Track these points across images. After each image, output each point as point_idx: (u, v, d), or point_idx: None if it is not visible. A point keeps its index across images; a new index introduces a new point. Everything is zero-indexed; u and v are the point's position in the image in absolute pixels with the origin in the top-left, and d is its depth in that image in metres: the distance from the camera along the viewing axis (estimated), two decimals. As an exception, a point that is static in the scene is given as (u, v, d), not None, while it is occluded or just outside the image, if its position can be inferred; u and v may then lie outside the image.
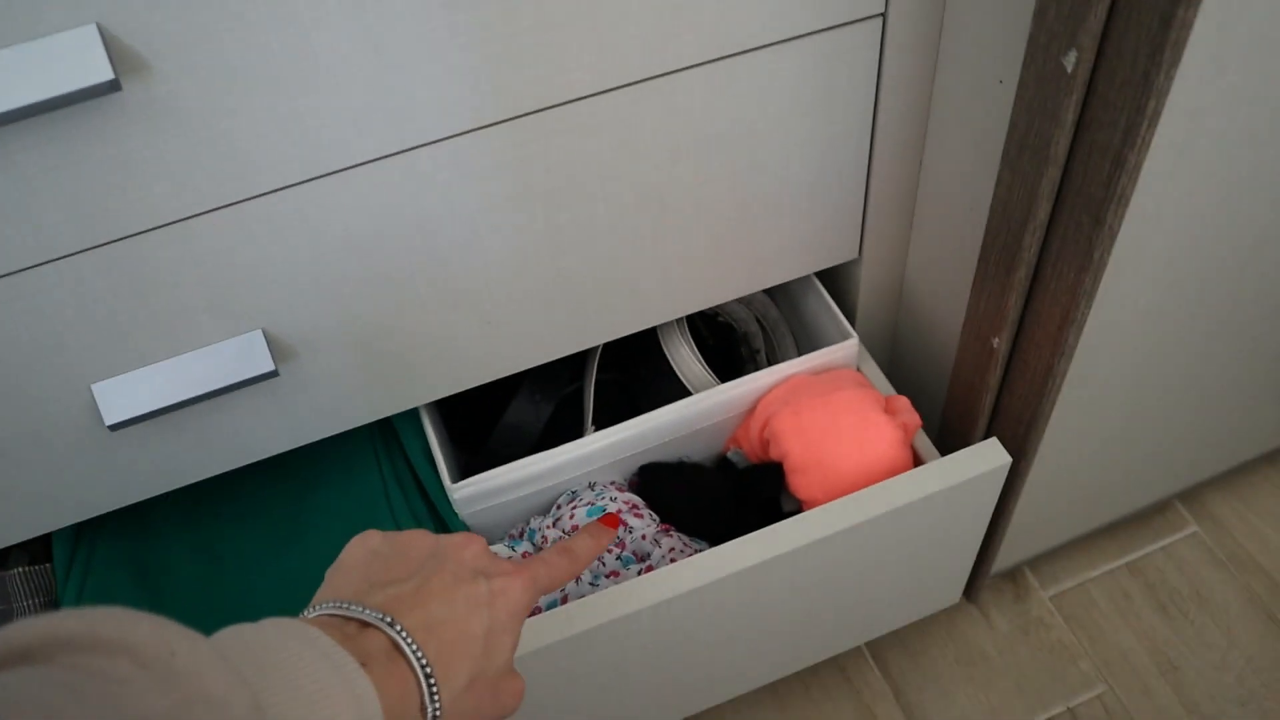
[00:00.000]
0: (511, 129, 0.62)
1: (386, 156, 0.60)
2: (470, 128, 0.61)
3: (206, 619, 0.77)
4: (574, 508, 0.80)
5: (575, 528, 0.79)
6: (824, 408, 0.78)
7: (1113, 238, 0.59)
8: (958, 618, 1.01)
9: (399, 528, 0.80)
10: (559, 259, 0.71)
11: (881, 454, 0.76)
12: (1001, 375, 0.75)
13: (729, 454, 0.88)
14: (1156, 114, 0.51)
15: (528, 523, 0.83)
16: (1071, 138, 0.57)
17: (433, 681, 0.41)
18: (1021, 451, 0.77)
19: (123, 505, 0.73)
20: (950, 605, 0.95)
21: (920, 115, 0.72)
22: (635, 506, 0.82)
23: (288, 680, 0.35)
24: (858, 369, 0.86)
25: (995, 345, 0.72)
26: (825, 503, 0.74)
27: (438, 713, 0.41)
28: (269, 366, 0.65)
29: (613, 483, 0.84)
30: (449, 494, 0.78)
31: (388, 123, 0.58)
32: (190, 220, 0.59)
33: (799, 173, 0.73)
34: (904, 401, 0.80)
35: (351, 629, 0.41)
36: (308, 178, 0.59)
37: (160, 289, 0.62)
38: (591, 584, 0.79)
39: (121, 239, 0.59)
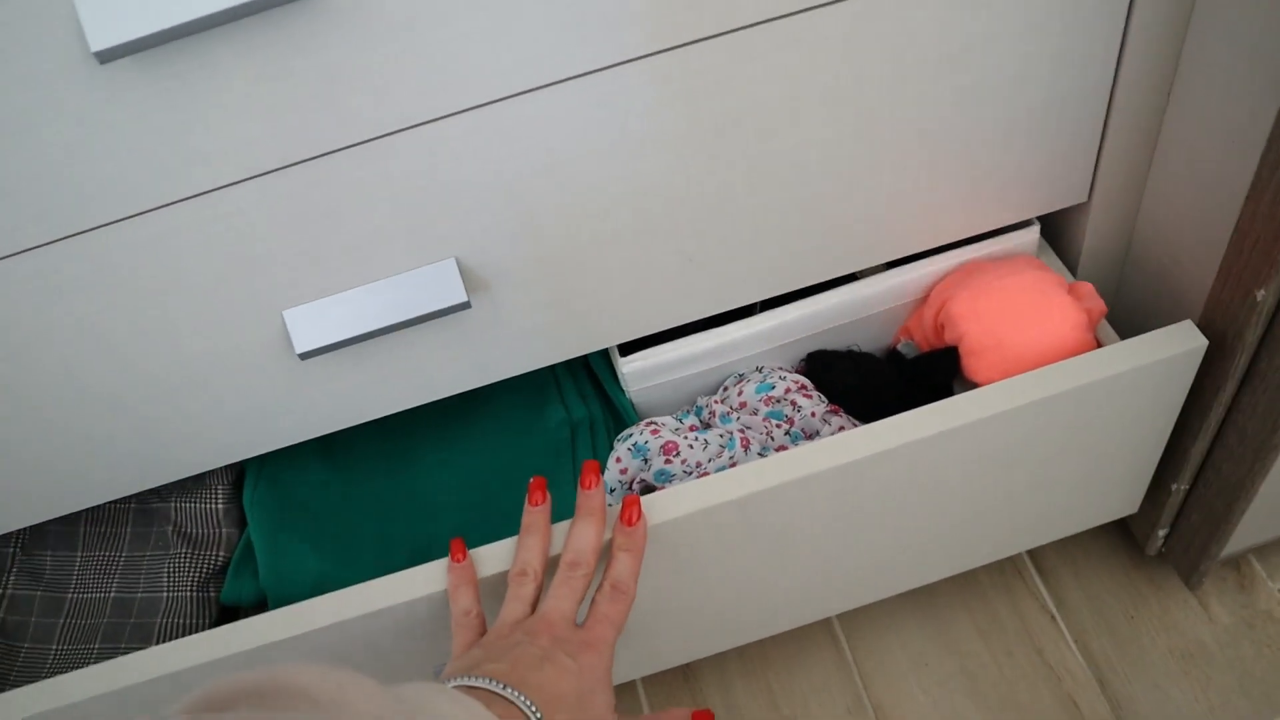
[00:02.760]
0: (725, 44, 0.57)
1: (595, 71, 0.56)
2: (683, 41, 0.56)
3: (392, 523, 0.75)
4: (742, 385, 0.80)
5: (743, 404, 0.79)
6: (1003, 290, 0.75)
7: None
8: (1172, 606, 0.92)
9: (567, 409, 0.82)
10: (767, 192, 0.65)
11: (1064, 337, 0.72)
12: (1261, 334, 0.66)
13: (899, 346, 0.84)
14: None
15: (694, 402, 0.83)
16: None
17: (536, 711, 0.50)
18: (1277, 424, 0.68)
19: (310, 437, 0.72)
20: (1127, 514, 0.87)
21: (1179, 23, 0.64)
22: (804, 387, 0.80)
23: (431, 706, 0.44)
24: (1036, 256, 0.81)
25: (1259, 298, 0.63)
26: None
27: None
28: (461, 297, 0.62)
29: (779, 366, 0.83)
30: (617, 369, 0.77)
31: (600, 33, 0.54)
32: (390, 137, 0.56)
33: (1033, 98, 0.66)
34: (1088, 287, 0.75)
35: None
36: (514, 92, 0.56)
37: (355, 212, 0.59)
38: (760, 454, 0.76)
39: (320, 156, 0.56)
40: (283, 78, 0.52)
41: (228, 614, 0.84)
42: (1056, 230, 0.81)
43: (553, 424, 0.81)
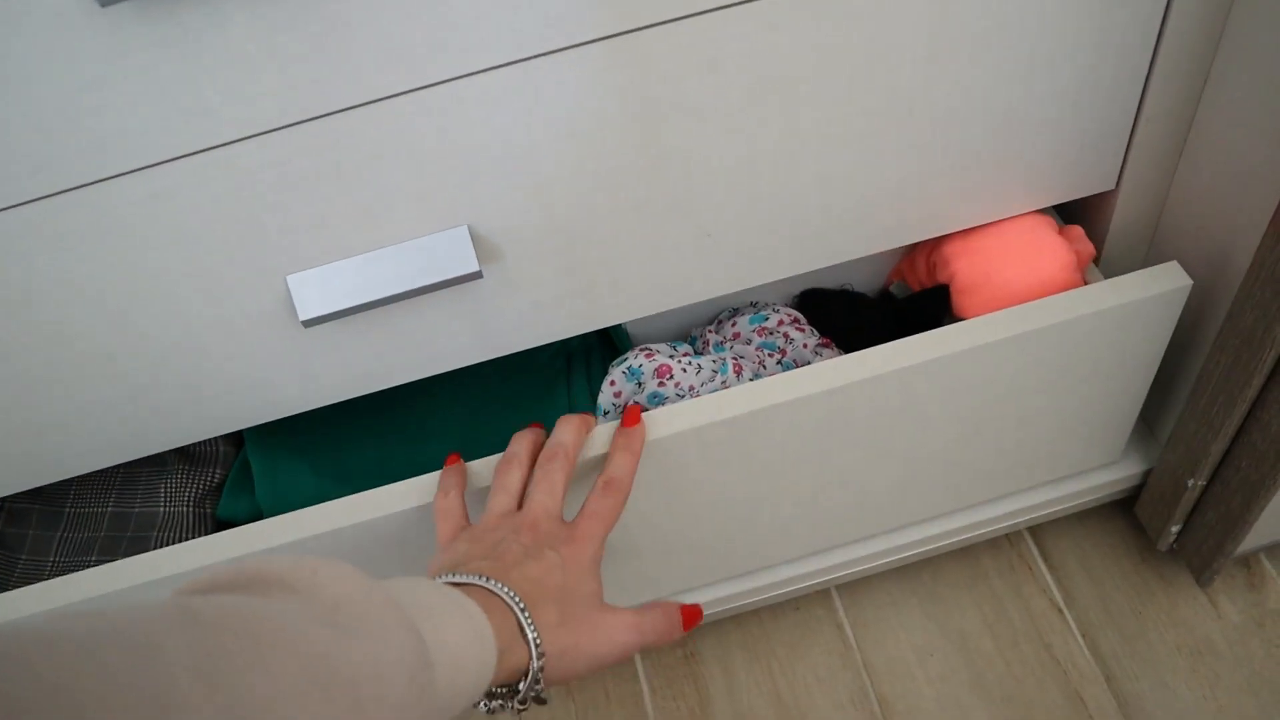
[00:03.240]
0: (754, 12, 0.54)
1: (617, 35, 0.54)
2: (709, 7, 0.54)
3: (390, 447, 0.79)
4: (736, 318, 0.82)
5: (736, 335, 0.81)
6: (996, 230, 0.75)
7: None
8: (1181, 602, 0.91)
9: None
10: (791, 169, 0.63)
11: (1053, 276, 0.73)
12: (1293, 328, 0.64)
13: (891, 287, 0.86)
14: None
15: (688, 332, 0.85)
16: None
17: (524, 608, 0.50)
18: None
19: (311, 408, 0.69)
20: (1109, 462, 0.88)
21: (1221, 7, 0.62)
22: (797, 320, 0.82)
23: (413, 594, 0.44)
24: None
25: (1296, 291, 0.61)
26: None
27: (537, 640, 0.49)
28: (473, 266, 0.60)
29: (772, 302, 0.84)
30: None
31: (626, -8, 0.52)
32: (404, 96, 0.54)
33: (1065, 81, 0.64)
34: (1078, 230, 0.77)
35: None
36: (533, 54, 0.53)
37: (365, 174, 0.57)
38: (752, 380, 0.76)
39: (330, 114, 0.54)
40: (292, 29, 0.50)
41: (224, 531, 0.84)
42: (1080, 215, 0.79)
43: (548, 353, 0.82)
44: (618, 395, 0.77)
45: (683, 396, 0.75)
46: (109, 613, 0.30)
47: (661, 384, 0.75)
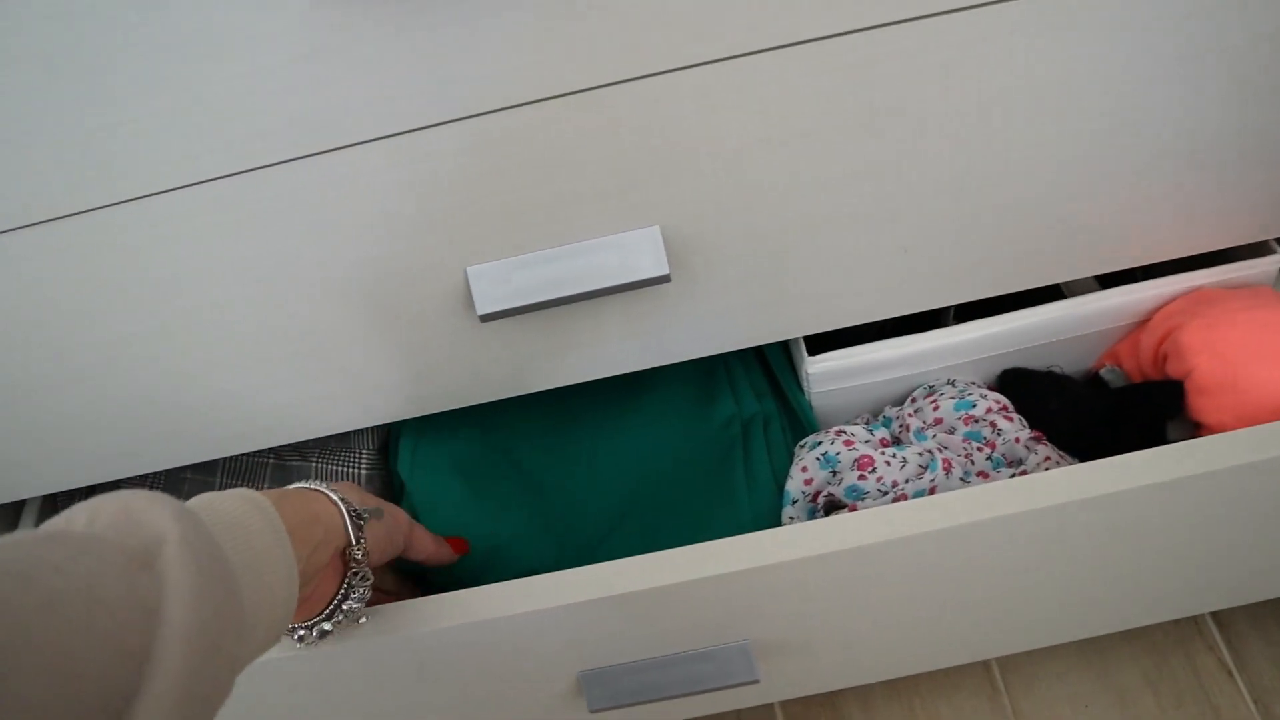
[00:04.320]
0: (997, 14, 0.50)
1: (849, 33, 0.50)
2: (939, 10, 0.50)
3: (547, 503, 0.74)
4: (937, 399, 0.73)
5: (938, 420, 0.73)
6: (1247, 323, 0.67)
7: None
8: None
9: (738, 403, 0.76)
10: (1006, 185, 0.59)
11: None
12: None
13: (1102, 371, 0.77)
14: None
15: (881, 411, 0.77)
16: None
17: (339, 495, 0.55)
18: None
19: (476, 403, 0.67)
20: None
21: None
22: (1005, 408, 0.73)
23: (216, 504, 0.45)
24: (1275, 289, 0.72)
25: None
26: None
27: (355, 512, 0.55)
28: (663, 270, 0.57)
29: (973, 382, 0.76)
30: (802, 368, 0.72)
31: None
32: (613, 87, 0.51)
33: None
34: None
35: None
36: (753, 49, 0.50)
37: (563, 166, 0.54)
38: (962, 479, 0.70)
39: (533, 102, 0.51)
40: (511, 10, 0.47)
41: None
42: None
43: (721, 419, 0.75)
44: (809, 483, 0.70)
45: (885, 494, 0.68)
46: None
47: (862, 477, 0.68)
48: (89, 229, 0.53)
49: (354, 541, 0.54)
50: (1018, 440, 0.70)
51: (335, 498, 0.54)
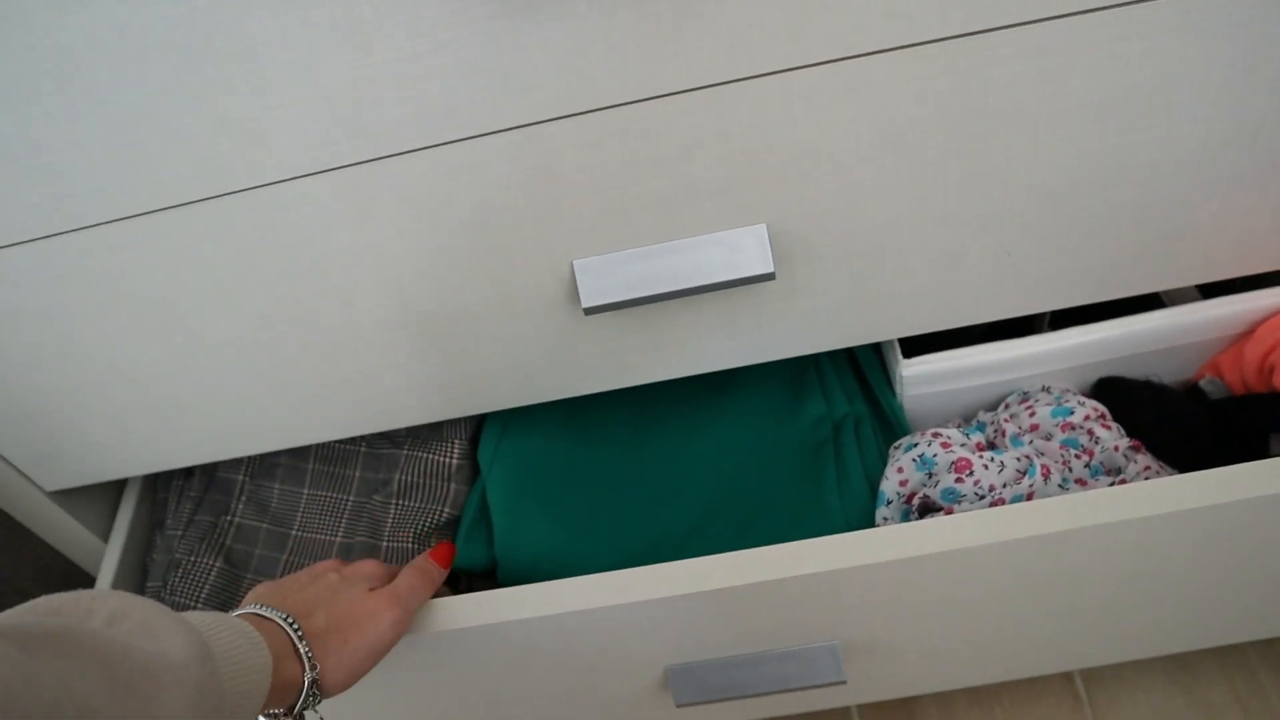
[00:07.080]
0: (1114, 18, 0.50)
1: (968, 35, 0.50)
2: (1066, 11, 0.49)
3: (631, 503, 0.73)
4: (1033, 405, 0.72)
5: (1035, 427, 0.72)
6: None
7: None
8: None
9: (828, 404, 0.76)
10: (1113, 191, 0.58)
11: None
12: None
13: (1202, 382, 0.75)
14: None
15: (975, 416, 0.77)
16: None
17: (292, 622, 0.53)
18: None
19: (571, 395, 0.68)
20: None
21: None
22: (1103, 416, 0.72)
23: (191, 617, 0.47)
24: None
25: None
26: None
27: (308, 653, 0.52)
28: (768, 267, 0.57)
29: (1068, 389, 0.75)
30: (895, 370, 0.73)
31: (988, -12, 0.48)
32: (728, 86, 0.51)
33: None
34: None
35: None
36: (872, 50, 0.50)
37: (671, 163, 0.55)
38: (1060, 486, 0.69)
39: (647, 99, 0.52)
40: (634, 6, 0.48)
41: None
42: None
43: (811, 419, 0.75)
44: (904, 484, 0.69)
45: (982, 497, 0.67)
46: None
47: (959, 480, 0.67)
48: (215, 213, 0.56)
49: (306, 667, 0.53)
50: (1116, 448, 0.69)
51: (290, 631, 0.53)
